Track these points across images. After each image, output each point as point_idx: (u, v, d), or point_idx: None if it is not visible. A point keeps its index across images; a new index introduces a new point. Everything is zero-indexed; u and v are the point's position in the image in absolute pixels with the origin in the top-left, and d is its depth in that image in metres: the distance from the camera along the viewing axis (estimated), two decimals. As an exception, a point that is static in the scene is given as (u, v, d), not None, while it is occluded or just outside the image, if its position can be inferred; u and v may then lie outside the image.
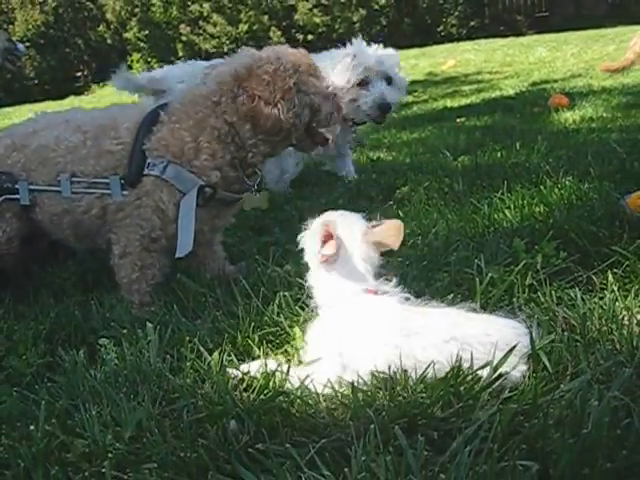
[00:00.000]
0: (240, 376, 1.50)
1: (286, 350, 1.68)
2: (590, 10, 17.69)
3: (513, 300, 1.75)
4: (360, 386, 1.37)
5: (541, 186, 2.62)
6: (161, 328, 1.76)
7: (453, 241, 2.21)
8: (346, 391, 1.39)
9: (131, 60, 20.15)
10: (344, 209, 1.66)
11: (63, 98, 16.75)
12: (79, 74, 21.84)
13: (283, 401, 1.37)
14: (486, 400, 1.30)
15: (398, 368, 1.36)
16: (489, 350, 1.35)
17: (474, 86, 7.96)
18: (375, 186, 3.25)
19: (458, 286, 1.87)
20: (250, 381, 1.48)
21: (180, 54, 18.82)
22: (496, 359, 1.34)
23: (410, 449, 1.15)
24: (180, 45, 19.95)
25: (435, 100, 7.22)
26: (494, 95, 6.88)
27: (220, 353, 1.60)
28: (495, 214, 2.43)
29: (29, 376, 1.68)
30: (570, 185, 2.57)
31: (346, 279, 1.57)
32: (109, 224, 2.09)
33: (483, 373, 1.34)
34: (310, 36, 18.89)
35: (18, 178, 2.12)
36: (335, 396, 1.38)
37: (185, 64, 3.94)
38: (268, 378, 1.45)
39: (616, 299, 1.67)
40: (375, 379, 1.38)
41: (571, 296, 1.73)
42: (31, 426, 1.37)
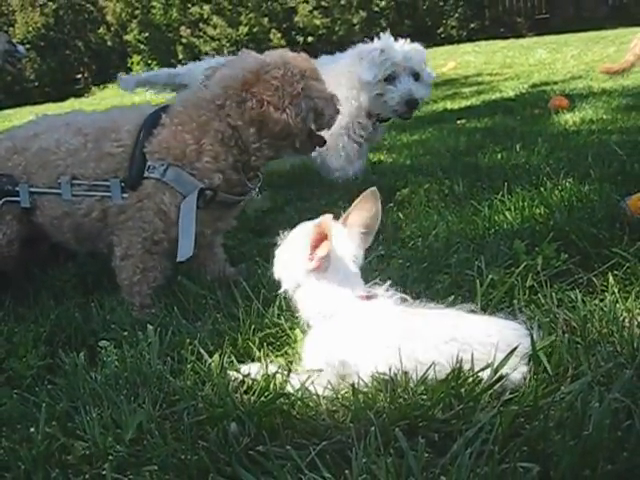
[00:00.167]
0: (240, 378, 1.49)
1: (287, 352, 1.68)
2: (590, 12, 17.69)
3: (514, 302, 1.75)
4: (361, 388, 1.37)
5: (541, 188, 2.62)
6: (162, 330, 1.76)
7: (453, 243, 2.21)
8: (347, 393, 1.38)
9: (131, 62, 20.19)
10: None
11: (63, 100, 16.77)
12: (79, 76, 21.86)
13: (284, 403, 1.37)
14: (487, 402, 1.29)
15: (399, 370, 1.36)
16: (490, 351, 1.35)
17: (474, 88, 7.96)
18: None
19: (459, 288, 1.87)
20: (250, 383, 1.48)
21: (180, 56, 18.82)
22: (497, 360, 1.34)
23: (411, 451, 1.15)
24: (180, 47, 19.95)
25: (435, 102, 7.21)
26: (494, 97, 6.88)
27: (221, 355, 1.60)
28: (495, 216, 2.43)
29: (29, 378, 1.67)
30: (570, 187, 2.57)
31: (338, 286, 1.52)
32: (110, 227, 2.09)
33: (484, 375, 1.34)
34: (310, 38, 18.91)
35: (19, 181, 2.12)
36: (336, 398, 1.38)
37: (213, 59, 3.86)
38: (268, 380, 1.45)
39: (617, 301, 1.67)
40: (376, 381, 1.38)
41: (572, 298, 1.73)
42: (31, 428, 1.37)
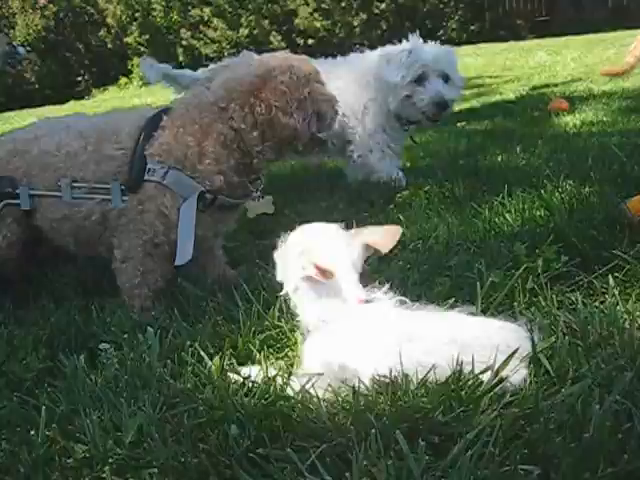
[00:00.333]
0: (241, 381, 1.49)
1: (287, 355, 1.68)
2: (590, 14, 17.68)
3: (514, 304, 1.75)
4: (361, 391, 1.37)
5: (542, 190, 2.62)
6: (162, 333, 1.76)
7: (454, 245, 2.22)
8: (347, 396, 1.38)
9: (132, 64, 20.16)
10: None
11: (64, 102, 16.75)
12: (80, 78, 21.86)
13: (284, 406, 1.37)
14: (487, 404, 1.29)
15: (399, 372, 1.36)
16: (490, 353, 1.34)
17: (475, 90, 7.94)
18: (376, 190, 3.24)
19: (459, 290, 1.87)
20: (251, 386, 1.47)
21: (181, 58, 18.84)
22: (497, 363, 1.33)
23: (411, 454, 1.15)
24: (181, 50, 19.96)
25: (435, 104, 7.20)
26: (495, 99, 6.88)
27: (221, 358, 1.60)
28: (496, 218, 2.43)
29: (29, 381, 1.67)
30: (571, 189, 2.57)
31: (337, 289, 1.50)
32: (111, 229, 2.09)
33: (484, 377, 1.34)
34: (310, 40, 18.89)
35: (19, 183, 2.12)
36: (336, 401, 1.38)
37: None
38: (269, 383, 1.45)
39: (617, 303, 1.67)
40: (376, 384, 1.38)
41: (572, 300, 1.73)
42: (31, 431, 1.37)
